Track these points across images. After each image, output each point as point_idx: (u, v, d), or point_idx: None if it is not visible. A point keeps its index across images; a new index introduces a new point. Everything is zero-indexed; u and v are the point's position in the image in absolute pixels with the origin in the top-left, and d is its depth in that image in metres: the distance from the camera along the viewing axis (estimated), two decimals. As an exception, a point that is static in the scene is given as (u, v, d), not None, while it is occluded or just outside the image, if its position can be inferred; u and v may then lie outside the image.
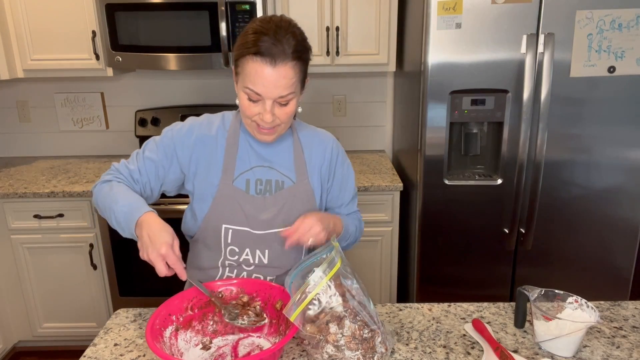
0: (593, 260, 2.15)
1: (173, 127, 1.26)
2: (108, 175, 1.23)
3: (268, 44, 1.05)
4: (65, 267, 2.41)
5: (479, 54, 1.93)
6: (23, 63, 2.42)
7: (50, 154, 2.93)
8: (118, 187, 1.18)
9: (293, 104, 1.14)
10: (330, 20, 2.36)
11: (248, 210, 1.21)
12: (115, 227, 1.16)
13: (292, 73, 1.09)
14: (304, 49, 1.11)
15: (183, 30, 2.27)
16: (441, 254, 2.18)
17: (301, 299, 0.99)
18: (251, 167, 1.24)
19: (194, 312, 1.13)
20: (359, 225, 1.40)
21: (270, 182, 1.24)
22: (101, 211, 1.20)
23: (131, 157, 1.26)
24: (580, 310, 1.10)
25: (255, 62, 1.06)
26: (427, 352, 1.09)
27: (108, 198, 1.16)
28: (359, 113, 2.85)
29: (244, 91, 1.11)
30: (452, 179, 2.09)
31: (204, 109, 2.73)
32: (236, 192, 1.21)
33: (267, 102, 1.10)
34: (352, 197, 1.38)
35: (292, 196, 1.24)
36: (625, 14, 1.87)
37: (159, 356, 0.92)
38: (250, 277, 1.27)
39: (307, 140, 1.30)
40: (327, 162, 1.30)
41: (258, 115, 1.13)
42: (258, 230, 1.23)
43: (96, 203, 1.22)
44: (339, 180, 1.33)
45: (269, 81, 1.07)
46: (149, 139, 1.27)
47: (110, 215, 1.15)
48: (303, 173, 1.26)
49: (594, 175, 2.04)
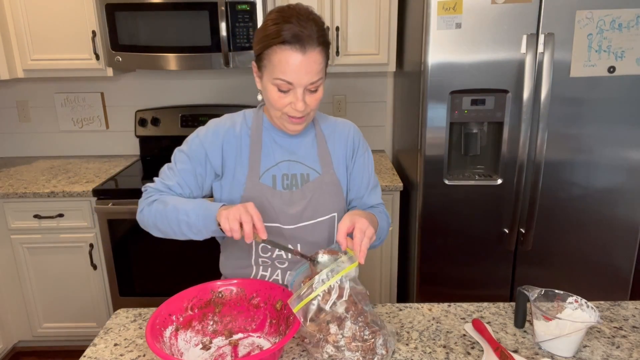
0: (593, 260, 2.15)
1: (198, 133, 1.24)
2: (150, 198, 1.21)
3: (294, 30, 1.05)
4: (65, 267, 2.41)
5: (479, 54, 1.93)
6: (23, 63, 2.42)
7: (50, 154, 2.93)
8: (172, 199, 1.17)
9: (321, 89, 1.14)
10: (330, 20, 2.36)
11: (277, 205, 1.21)
12: (186, 234, 1.14)
13: (320, 58, 1.09)
14: (325, 33, 1.11)
15: (183, 30, 2.27)
16: (441, 254, 2.18)
17: (307, 293, 0.98)
18: (276, 163, 1.24)
19: (194, 312, 1.13)
20: (387, 219, 1.34)
21: (295, 176, 1.24)
22: (161, 229, 1.18)
23: (163, 174, 1.24)
24: (580, 310, 1.10)
25: (283, 50, 1.06)
26: (427, 352, 1.09)
27: (169, 213, 1.14)
28: (359, 113, 2.85)
29: (274, 83, 1.10)
30: (452, 179, 2.09)
31: (204, 109, 2.73)
32: (264, 189, 1.21)
33: (299, 91, 1.10)
34: (374, 185, 1.35)
35: (319, 188, 1.24)
36: (625, 14, 1.87)
37: (159, 356, 0.92)
38: (284, 274, 1.26)
39: (329, 130, 1.30)
40: (350, 150, 1.30)
41: (289, 106, 1.12)
42: (288, 225, 1.22)
43: (152, 225, 1.19)
44: (359, 167, 1.31)
45: (300, 68, 1.07)
46: (175, 150, 1.26)
47: (181, 228, 1.13)
48: (328, 164, 1.26)
49: (594, 175, 2.04)
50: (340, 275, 1.00)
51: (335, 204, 1.26)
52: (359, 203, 1.33)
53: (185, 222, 1.12)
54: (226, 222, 1.03)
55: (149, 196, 1.22)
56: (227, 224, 1.03)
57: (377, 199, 1.35)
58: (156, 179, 1.25)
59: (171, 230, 1.15)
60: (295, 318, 1.00)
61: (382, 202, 1.37)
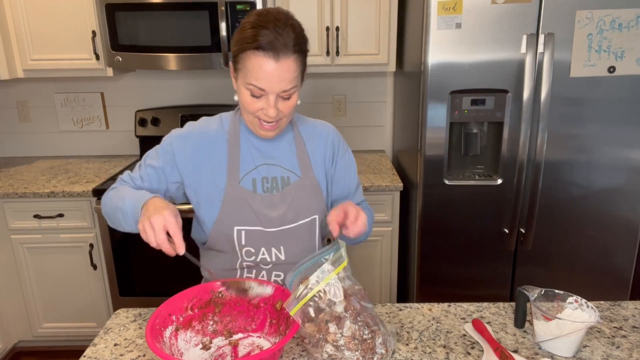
0: (593, 260, 2.15)
1: (172, 133, 1.25)
2: (113, 185, 1.25)
3: (269, 37, 1.04)
4: (65, 267, 2.41)
5: (479, 54, 1.93)
6: (23, 63, 2.42)
7: (50, 154, 2.93)
8: (123, 188, 1.19)
9: (295, 97, 1.14)
10: (330, 20, 2.36)
11: (258, 209, 1.21)
12: (122, 224, 1.13)
13: (294, 66, 1.08)
14: (304, 40, 1.11)
15: (183, 30, 2.27)
16: (441, 254, 2.18)
17: (303, 294, 0.98)
18: (255, 166, 1.23)
19: (194, 312, 1.13)
20: (370, 214, 1.35)
21: (276, 179, 1.24)
22: (109, 216, 1.19)
23: (136, 167, 1.27)
24: (580, 310, 1.10)
25: (257, 56, 1.05)
26: (427, 352, 1.09)
27: (114, 200, 1.16)
28: (359, 113, 2.85)
29: (246, 87, 1.10)
30: (452, 179, 2.09)
31: (204, 109, 2.73)
32: (244, 193, 1.21)
33: (271, 97, 1.10)
34: (356, 185, 1.37)
35: (299, 190, 1.24)
36: (625, 14, 1.87)
37: (159, 356, 0.92)
38: (269, 275, 1.27)
39: (308, 133, 1.30)
40: (330, 152, 1.30)
41: (261, 111, 1.12)
42: (270, 228, 1.22)
43: (104, 212, 1.21)
44: (341, 169, 1.32)
45: (272, 75, 1.06)
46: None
47: (117, 213, 1.13)
48: (307, 167, 1.26)
49: (594, 175, 2.04)
50: (336, 273, 1.00)
51: (316, 206, 1.26)
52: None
53: (120, 209, 1.11)
54: (143, 233, 1.02)
55: (114, 187, 1.23)
56: (144, 235, 1.01)
57: (360, 197, 1.39)
58: (127, 171, 1.28)
59: (114, 217, 1.15)
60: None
61: (364, 199, 1.41)
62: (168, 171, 1.23)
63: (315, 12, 2.35)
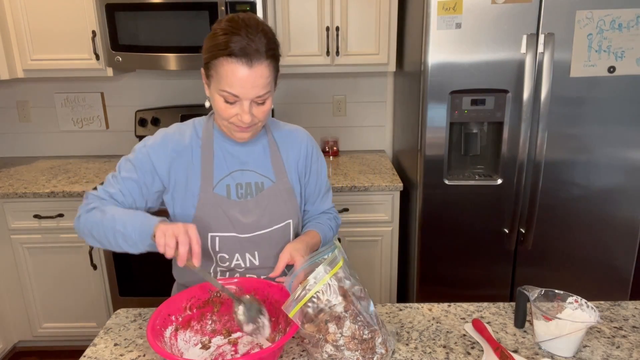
0: (593, 260, 2.15)
1: (145, 143, 1.22)
2: (89, 205, 1.17)
3: (241, 43, 1.04)
4: (65, 267, 2.41)
5: (479, 54, 1.93)
6: (23, 63, 2.42)
7: (50, 154, 2.93)
8: (111, 209, 1.13)
9: (269, 102, 1.14)
10: (330, 20, 2.36)
11: (232, 215, 1.21)
12: (122, 246, 1.10)
13: (267, 72, 1.08)
14: (275, 46, 1.11)
15: (183, 30, 2.27)
16: (441, 254, 2.18)
17: (301, 296, 0.98)
18: (230, 172, 1.23)
19: (192, 312, 1.13)
20: (334, 224, 1.40)
21: (250, 185, 1.24)
22: (97, 238, 1.13)
23: (107, 182, 1.21)
24: (580, 310, 1.10)
25: (230, 63, 1.05)
26: (427, 352, 1.09)
27: (106, 222, 1.10)
28: (359, 113, 2.85)
29: (220, 94, 1.09)
30: (452, 179, 2.09)
31: (204, 109, 2.73)
32: (218, 199, 1.20)
33: (245, 103, 1.09)
34: (326, 190, 1.39)
35: (273, 196, 1.24)
36: (625, 14, 1.87)
37: (162, 355, 0.92)
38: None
39: (282, 138, 1.30)
40: (303, 158, 1.31)
41: (236, 117, 1.12)
42: (245, 234, 1.22)
43: (87, 233, 1.14)
44: (314, 174, 1.34)
45: (246, 81, 1.06)
46: (121, 159, 1.23)
47: (116, 238, 1.09)
48: (281, 172, 1.26)
49: (594, 175, 2.04)
50: (332, 274, 1.00)
51: (290, 211, 1.27)
52: (312, 209, 1.38)
53: (121, 233, 1.08)
54: (162, 236, 1.01)
55: (89, 203, 1.17)
56: (163, 239, 1.01)
57: (328, 204, 1.41)
58: (99, 187, 1.21)
59: (107, 240, 1.11)
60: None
61: (332, 206, 1.43)
62: (149, 182, 1.20)
63: (315, 12, 2.35)
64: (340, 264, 1.03)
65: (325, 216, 1.39)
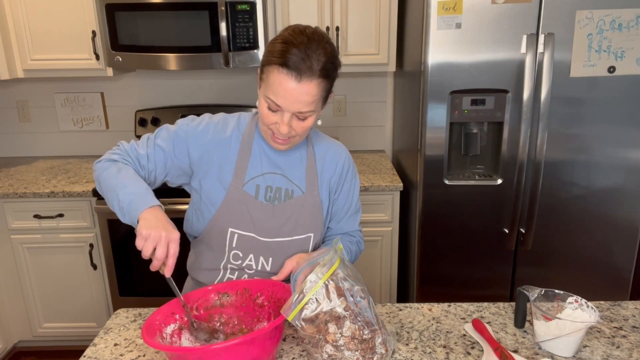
0: (593, 260, 2.15)
1: (190, 122, 1.23)
2: (115, 155, 1.20)
3: (296, 57, 1.03)
4: (65, 267, 2.41)
5: (479, 54, 1.93)
6: (23, 63, 2.42)
7: (50, 154, 2.93)
8: (126, 171, 1.15)
9: (311, 119, 1.13)
10: (330, 20, 2.36)
11: (256, 216, 1.20)
12: (114, 208, 1.12)
13: (315, 90, 1.07)
14: (333, 67, 1.09)
15: (183, 30, 2.27)
16: (441, 254, 2.18)
17: (299, 299, 0.99)
18: (262, 173, 1.22)
19: (199, 312, 1.12)
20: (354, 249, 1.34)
21: (280, 190, 1.23)
22: (102, 189, 1.16)
23: (141, 141, 1.23)
24: (580, 310, 1.10)
25: (280, 73, 1.04)
26: (427, 352, 1.09)
27: (114, 179, 1.12)
28: (359, 113, 2.85)
29: (265, 99, 1.10)
30: (452, 179, 2.09)
31: (204, 109, 2.73)
32: (245, 197, 1.20)
33: (286, 115, 1.09)
34: (354, 211, 1.35)
35: (300, 206, 1.23)
36: (625, 14, 1.87)
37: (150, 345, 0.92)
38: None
39: (321, 152, 1.29)
40: (337, 175, 1.29)
41: (275, 125, 1.12)
42: (264, 237, 1.21)
43: (98, 179, 1.18)
44: (345, 193, 1.31)
45: (291, 95, 1.05)
46: (163, 125, 1.24)
47: (113, 197, 1.11)
48: (313, 184, 1.25)
49: (594, 175, 2.04)
50: (329, 275, 1.00)
51: (314, 225, 1.25)
52: (336, 227, 1.33)
53: (117, 196, 1.09)
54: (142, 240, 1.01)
55: (115, 154, 1.20)
56: (142, 242, 1.01)
57: (354, 226, 1.35)
58: (132, 141, 1.23)
59: (106, 195, 1.14)
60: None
61: (359, 229, 1.38)
62: (178, 159, 1.21)
63: (315, 12, 2.35)
64: (336, 265, 1.03)
65: (347, 238, 1.33)
